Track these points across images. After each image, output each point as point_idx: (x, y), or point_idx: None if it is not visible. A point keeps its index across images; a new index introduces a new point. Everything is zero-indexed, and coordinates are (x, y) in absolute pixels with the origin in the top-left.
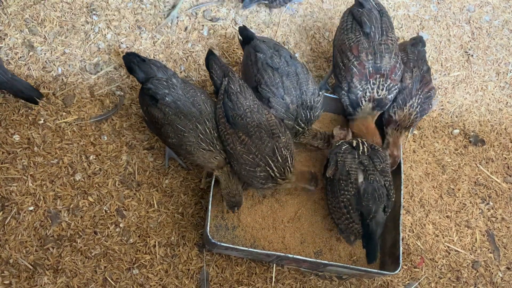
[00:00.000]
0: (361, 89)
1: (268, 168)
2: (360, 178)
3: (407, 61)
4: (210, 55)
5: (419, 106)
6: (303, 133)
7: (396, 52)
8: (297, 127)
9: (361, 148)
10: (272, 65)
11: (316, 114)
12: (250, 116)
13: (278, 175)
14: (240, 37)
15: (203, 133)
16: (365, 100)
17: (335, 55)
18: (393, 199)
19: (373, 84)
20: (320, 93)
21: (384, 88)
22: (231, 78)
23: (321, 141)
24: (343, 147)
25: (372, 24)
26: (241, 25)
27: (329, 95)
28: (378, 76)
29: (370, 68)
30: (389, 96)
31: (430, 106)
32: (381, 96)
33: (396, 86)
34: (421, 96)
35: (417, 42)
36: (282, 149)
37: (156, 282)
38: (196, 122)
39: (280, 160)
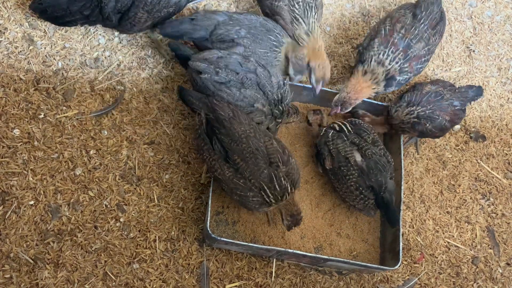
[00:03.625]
0: (376, 50)
1: (263, 194)
2: (358, 158)
3: (446, 89)
4: (182, 91)
5: (413, 118)
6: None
7: (431, 51)
8: (277, 120)
9: (345, 129)
10: (221, 80)
11: (287, 103)
12: (246, 142)
13: (273, 201)
14: (175, 56)
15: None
16: (374, 60)
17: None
18: (393, 163)
19: (391, 52)
20: (285, 81)
21: (398, 64)
22: (218, 106)
23: (294, 114)
24: (330, 134)
25: (426, 11)
26: (171, 41)
27: (331, 89)
28: (400, 50)
29: (396, 40)
30: (398, 77)
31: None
32: (390, 67)
33: (410, 75)
34: (422, 110)
35: (473, 87)
36: (282, 178)
37: (156, 277)
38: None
39: (278, 189)
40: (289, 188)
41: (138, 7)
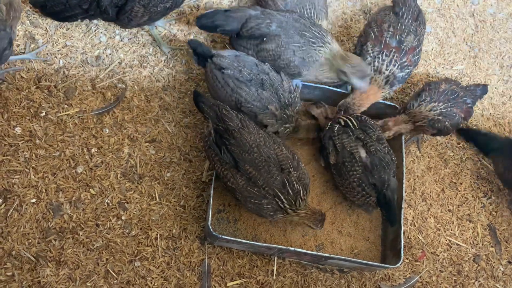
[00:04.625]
0: (371, 54)
1: (277, 200)
2: (363, 154)
3: (458, 87)
4: (197, 96)
5: (436, 115)
6: (294, 128)
7: (421, 41)
8: (287, 127)
9: (350, 124)
10: (243, 78)
11: (296, 109)
12: (257, 151)
13: (288, 206)
14: (192, 53)
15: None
16: (372, 70)
17: (361, 31)
18: (396, 162)
19: (385, 56)
20: (296, 87)
21: (396, 65)
22: (227, 116)
23: (306, 131)
24: (335, 129)
25: (405, 6)
26: (193, 38)
27: (332, 88)
28: (393, 50)
29: (388, 39)
30: (399, 74)
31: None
32: (388, 72)
33: (410, 68)
34: (444, 107)
35: (480, 86)
36: (294, 183)
37: (158, 275)
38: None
39: (291, 193)
40: (301, 192)
41: (135, 1)
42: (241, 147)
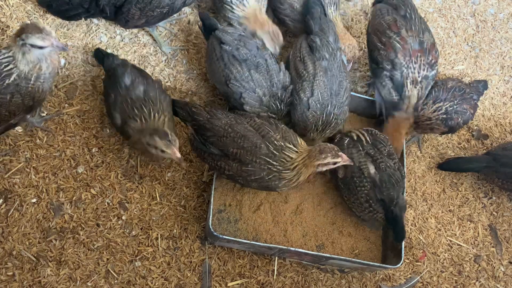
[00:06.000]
0: (405, 65)
1: (269, 166)
2: (372, 170)
3: (464, 84)
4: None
5: (445, 114)
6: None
7: (432, 34)
8: (274, 117)
9: (363, 139)
10: (238, 57)
11: (286, 108)
12: (232, 131)
13: (281, 168)
14: (201, 26)
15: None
16: (409, 83)
17: (371, 40)
18: (405, 177)
19: (415, 63)
20: (290, 87)
21: (426, 68)
22: (196, 112)
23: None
24: (345, 142)
25: (407, 7)
26: (201, 11)
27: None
28: (419, 54)
29: (412, 44)
30: (431, 74)
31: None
32: (421, 76)
33: (437, 63)
34: (450, 105)
35: (481, 82)
36: (275, 142)
37: (158, 275)
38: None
39: (276, 153)
40: (284, 144)
41: (131, 3)
42: (216, 135)
